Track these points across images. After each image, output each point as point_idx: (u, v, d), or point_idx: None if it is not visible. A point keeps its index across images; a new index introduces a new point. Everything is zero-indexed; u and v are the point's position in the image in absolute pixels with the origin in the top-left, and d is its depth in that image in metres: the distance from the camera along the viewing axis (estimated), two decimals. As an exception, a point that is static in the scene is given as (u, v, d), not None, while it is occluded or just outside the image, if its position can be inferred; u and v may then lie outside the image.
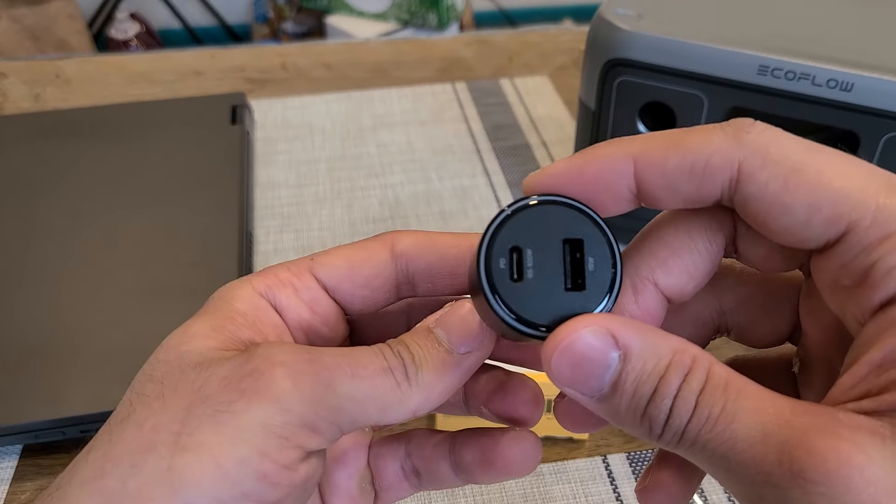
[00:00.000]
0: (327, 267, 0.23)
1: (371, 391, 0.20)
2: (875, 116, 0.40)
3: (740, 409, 0.16)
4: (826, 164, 0.17)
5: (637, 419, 0.18)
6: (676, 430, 0.17)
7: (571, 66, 0.74)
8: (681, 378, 0.17)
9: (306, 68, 0.75)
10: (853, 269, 0.17)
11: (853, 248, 0.17)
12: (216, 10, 2.22)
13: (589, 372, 0.18)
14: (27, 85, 0.73)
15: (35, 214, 0.52)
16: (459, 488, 0.38)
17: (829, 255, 0.18)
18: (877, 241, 0.17)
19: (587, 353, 0.18)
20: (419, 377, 0.20)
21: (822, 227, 0.17)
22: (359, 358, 0.20)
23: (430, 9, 1.84)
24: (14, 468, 0.40)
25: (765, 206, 0.17)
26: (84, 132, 0.59)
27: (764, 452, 0.16)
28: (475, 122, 0.67)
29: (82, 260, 0.48)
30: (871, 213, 0.17)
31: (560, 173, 0.19)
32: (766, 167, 0.17)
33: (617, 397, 0.18)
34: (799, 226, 0.17)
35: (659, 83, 0.44)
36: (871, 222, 0.17)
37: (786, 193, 0.17)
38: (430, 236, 0.23)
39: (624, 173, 0.19)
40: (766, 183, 0.17)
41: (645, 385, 0.17)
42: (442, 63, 0.75)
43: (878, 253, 0.16)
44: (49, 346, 0.42)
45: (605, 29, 0.45)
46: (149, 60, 0.76)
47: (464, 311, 0.21)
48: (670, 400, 0.17)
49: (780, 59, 0.41)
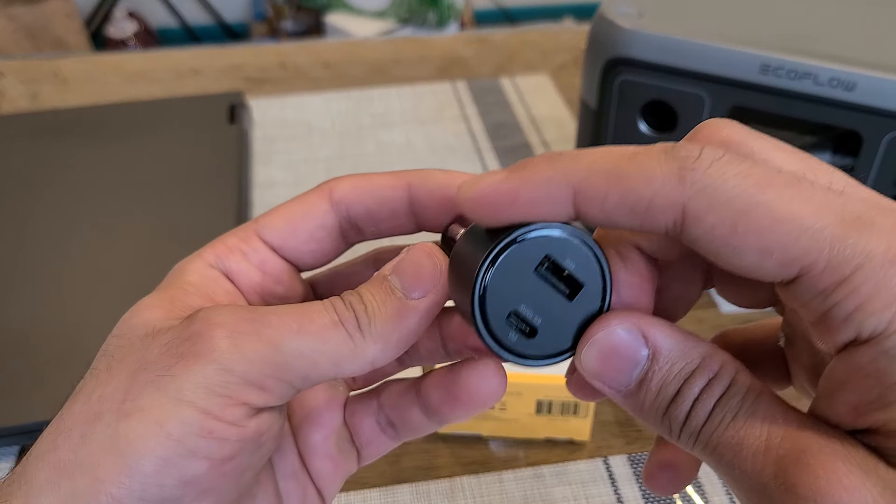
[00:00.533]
0: (270, 227, 0.23)
1: (320, 345, 0.20)
2: (878, 116, 0.40)
3: (751, 420, 0.17)
4: (777, 202, 0.16)
5: (659, 418, 0.18)
6: (692, 432, 0.18)
7: (572, 65, 0.74)
8: (705, 382, 0.18)
9: (305, 67, 0.74)
10: (812, 309, 0.17)
11: (809, 292, 0.16)
12: (214, 9, 2.22)
13: (618, 367, 0.18)
14: (24, 84, 0.72)
15: (33, 214, 0.52)
16: (459, 488, 0.38)
17: (789, 291, 0.17)
18: (832, 286, 0.16)
19: (618, 348, 0.18)
20: (372, 327, 0.20)
21: (774, 269, 0.16)
22: (307, 313, 0.20)
23: (430, 7, 1.83)
24: (12, 469, 0.40)
25: (714, 248, 0.17)
26: (81, 131, 0.59)
27: (763, 464, 0.16)
28: (475, 121, 0.66)
29: (80, 259, 0.48)
30: (824, 256, 0.16)
31: (493, 194, 0.18)
32: (713, 210, 0.16)
33: (642, 394, 0.18)
34: (752, 267, 0.17)
35: (660, 82, 0.44)
36: (825, 266, 0.16)
37: (734, 238, 0.16)
38: (367, 178, 0.23)
39: (562, 202, 0.18)
40: (713, 227, 0.16)
41: (670, 385, 0.18)
42: (442, 62, 0.75)
43: (835, 298, 0.16)
44: (46, 347, 0.42)
45: (607, 27, 0.45)
46: (146, 59, 0.76)
47: (415, 255, 0.21)
48: (690, 402, 0.18)
49: (782, 58, 0.41)
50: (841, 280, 0.16)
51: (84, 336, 0.43)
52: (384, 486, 0.39)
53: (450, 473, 0.39)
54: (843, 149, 0.42)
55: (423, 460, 0.40)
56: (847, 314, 0.16)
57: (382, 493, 0.38)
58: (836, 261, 0.16)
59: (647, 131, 0.46)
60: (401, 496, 0.38)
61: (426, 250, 0.21)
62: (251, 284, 0.23)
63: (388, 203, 0.23)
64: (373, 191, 0.23)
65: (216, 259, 0.23)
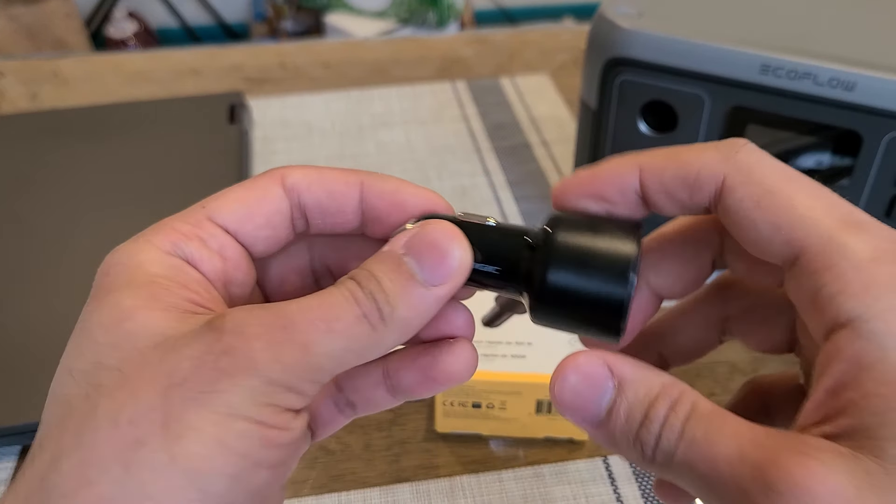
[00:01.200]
0: (225, 211, 0.22)
1: (349, 343, 0.19)
2: (877, 116, 0.40)
3: (721, 435, 0.18)
4: (797, 193, 0.19)
5: (630, 442, 0.19)
6: (667, 453, 0.19)
7: (572, 65, 0.74)
8: (668, 406, 0.19)
9: (305, 67, 0.74)
10: (807, 290, 0.19)
11: (805, 271, 0.19)
12: (214, 9, 2.22)
13: (588, 398, 0.20)
14: (24, 84, 0.72)
15: (32, 214, 0.52)
16: (459, 487, 0.38)
17: (792, 275, 0.19)
18: (822, 268, 0.18)
19: (588, 381, 0.20)
20: (394, 316, 0.20)
21: (781, 245, 0.19)
22: (331, 308, 0.19)
23: (430, 7, 1.83)
24: (13, 469, 0.40)
25: (738, 219, 0.20)
26: (81, 131, 0.59)
27: (741, 471, 0.17)
28: (475, 121, 0.66)
29: (81, 259, 0.48)
30: (822, 243, 0.18)
31: (579, 178, 0.22)
32: (745, 185, 0.20)
33: (612, 422, 0.20)
34: (763, 241, 0.19)
35: (660, 82, 0.44)
36: (819, 251, 0.18)
37: (756, 211, 0.19)
38: (319, 170, 0.23)
39: (631, 178, 0.21)
40: (742, 199, 0.20)
41: (636, 411, 0.19)
42: (442, 62, 0.75)
43: (823, 280, 0.18)
44: (47, 346, 0.42)
45: (606, 27, 0.45)
46: (146, 59, 0.76)
47: (437, 237, 0.20)
48: (658, 425, 0.19)
49: (782, 58, 0.41)
50: (830, 265, 0.18)
51: (84, 336, 0.43)
52: (384, 486, 0.39)
53: (450, 473, 0.39)
54: (843, 149, 0.42)
55: (423, 459, 0.40)
56: (831, 296, 0.18)
57: (382, 492, 0.38)
58: (828, 248, 0.18)
59: (647, 131, 0.46)
60: (401, 495, 0.38)
61: (449, 232, 0.21)
62: (215, 272, 0.22)
63: (338, 198, 0.23)
64: (325, 183, 0.22)
65: (172, 246, 0.21)
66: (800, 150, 0.44)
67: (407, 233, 0.21)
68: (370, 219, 0.23)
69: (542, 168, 0.61)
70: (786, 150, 0.44)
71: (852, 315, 0.17)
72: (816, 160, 0.43)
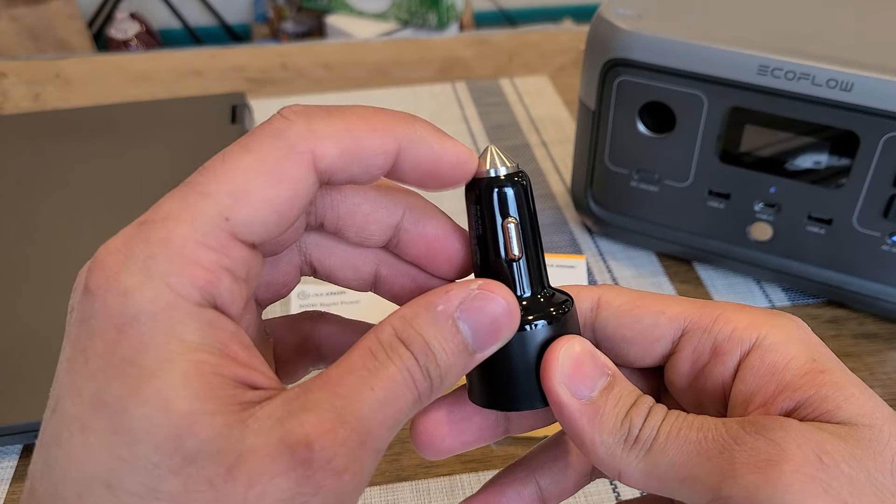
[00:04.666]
0: (255, 224, 0.17)
1: (401, 420, 0.19)
2: (875, 116, 0.40)
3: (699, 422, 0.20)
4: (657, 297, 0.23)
5: (619, 421, 0.21)
6: (653, 427, 0.20)
7: (571, 66, 0.74)
8: (649, 405, 0.21)
9: (306, 68, 0.75)
10: (702, 351, 0.22)
11: (695, 333, 0.22)
12: (216, 10, 2.22)
13: (587, 374, 0.21)
14: (27, 85, 0.73)
15: (35, 214, 0.52)
16: (459, 486, 0.39)
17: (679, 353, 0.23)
18: (711, 321, 0.22)
19: (590, 358, 0.21)
20: (442, 387, 0.19)
21: (667, 324, 0.22)
22: (396, 402, 0.18)
23: (430, 9, 1.84)
24: (14, 468, 0.40)
25: (618, 320, 0.23)
26: (84, 132, 0.59)
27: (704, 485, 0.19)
28: (475, 121, 0.67)
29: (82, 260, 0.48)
30: (699, 309, 0.22)
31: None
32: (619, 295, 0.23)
33: (603, 401, 0.21)
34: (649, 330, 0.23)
35: (659, 83, 0.44)
36: (700, 315, 0.22)
37: (635, 308, 0.23)
38: (356, 141, 0.19)
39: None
40: (619, 305, 0.23)
41: (627, 396, 0.21)
42: (442, 63, 0.75)
43: (716, 329, 0.22)
44: (48, 346, 0.42)
45: (605, 29, 0.45)
46: (149, 60, 0.76)
47: (496, 310, 0.20)
48: (647, 407, 0.21)
49: (779, 59, 0.41)
50: (714, 318, 0.22)
51: (86, 335, 0.43)
52: (384, 484, 0.39)
53: (450, 472, 0.39)
54: (841, 149, 0.42)
55: (423, 458, 0.40)
56: (727, 335, 0.22)
57: (383, 490, 0.39)
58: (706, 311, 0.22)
59: (646, 132, 0.46)
60: (401, 494, 0.38)
61: (508, 307, 0.20)
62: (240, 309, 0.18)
63: (372, 170, 0.19)
64: (362, 157, 0.19)
65: (202, 293, 0.17)
66: (798, 151, 0.44)
67: (461, 292, 0.19)
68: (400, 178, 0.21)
69: (541, 168, 0.61)
70: (784, 151, 0.44)
71: (753, 342, 0.21)
72: (814, 160, 0.43)
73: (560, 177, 0.60)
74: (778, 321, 0.22)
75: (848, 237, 0.44)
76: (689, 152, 0.46)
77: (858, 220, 0.43)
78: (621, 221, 0.51)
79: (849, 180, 0.42)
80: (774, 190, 0.45)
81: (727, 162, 0.45)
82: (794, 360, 0.21)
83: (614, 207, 0.51)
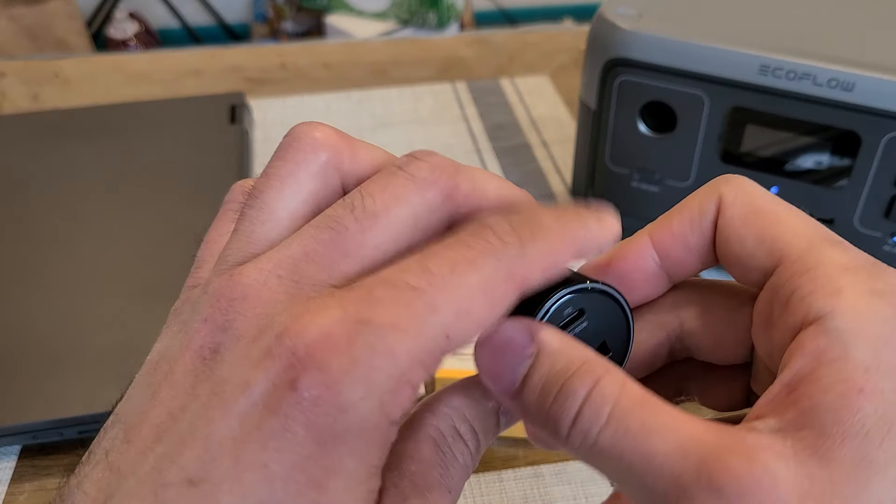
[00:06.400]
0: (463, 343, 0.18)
1: None
2: (876, 116, 0.40)
3: (658, 425, 0.17)
4: (781, 212, 0.21)
5: (542, 416, 0.18)
6: (586, 433, 0.17)
7: (572, 66, 0.74)
8: (589, 384, 0.18)
9: (306, 68, 0.75)
10: (782, 295, 0.20)
11: (781, 277, 0.20)
12: (215, 10, 2.22)
13: (505, 363, 0.18)
14: (26, 84, 0.73)
15: (33, 214, 0.52)
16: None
17: (768, 287, 0.20)
18: (799, 272, 0.19)
19: (508, 344, 0.18)
20: None
21: (763, 257, 0.20)
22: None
23: (430, 8, 1.84)
24: (13, 469, 0.40)
25: (726, 236, 0.21)
26: (83, 132, 0.59)
27: (682, 468, 0.16)
28: (475, 121, 0.66)
29: (81, 260, 0.48)
30: (801, 252, 0.20)
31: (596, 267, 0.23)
32: (734, 206, 0.21)
33: (525, 392, 0.18)
34: (746, 256, 0.21)
35: (660, 83, 0.44)
36: (798, 258, 0.20)
37: (743, 228, 0.21)
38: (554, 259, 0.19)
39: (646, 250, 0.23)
40: (731, 217, 0.21)
41: (551, 383, 0.18)
42: (442, 63, 0.75)
43: (797, 283, 0.19)
44: (47, 347, 0.42)
45: (606, 28, 0.45)
46: (148, 60, 0.76)
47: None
48: (578, 401, 0.18)
49: (781, 59, 0.41)
50: (806, 270, 0.19)
51: (85, 336, 0.43)
52: (384, 486, 0.39)
53: (449, 473, 0.39)
54: (842, 149, 0.42)
55: (423, 460, 0.40)
56: (803, 296, 0.19)
57: (382, 492, 0.38)
58: (807, 256, 0.20)
59: (647, 132, 0.46)
60: (401, 495, 0.38)
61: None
62: None
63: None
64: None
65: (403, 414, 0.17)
66: (799, 151, 0.44)
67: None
68: None
69: (541, 168, 0.61)
70: (785, 151, 0.44)
71: (820, 313, 0.18)
72: (815, 160, 0.43)
73: (560, 177, 0.60)
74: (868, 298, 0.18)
75: (849, 237, 0.43)
76: (690, 152, 0.46)
77: (860, 221, 0.43)
78: (622, 221, 0.51)
79: (850, 180, 0.42)
80: (776, 190, 0.44)
81: (728, 162, 0.45)
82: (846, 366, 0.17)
83: (615, 208, 0.50)
